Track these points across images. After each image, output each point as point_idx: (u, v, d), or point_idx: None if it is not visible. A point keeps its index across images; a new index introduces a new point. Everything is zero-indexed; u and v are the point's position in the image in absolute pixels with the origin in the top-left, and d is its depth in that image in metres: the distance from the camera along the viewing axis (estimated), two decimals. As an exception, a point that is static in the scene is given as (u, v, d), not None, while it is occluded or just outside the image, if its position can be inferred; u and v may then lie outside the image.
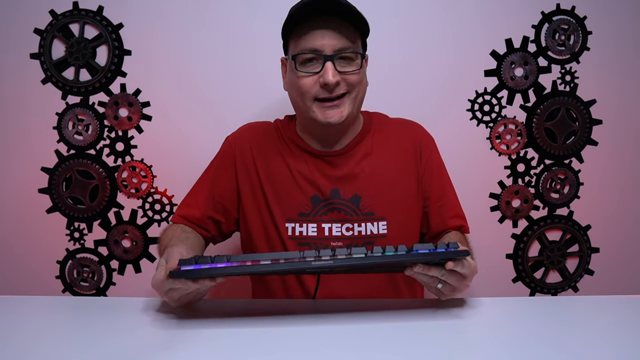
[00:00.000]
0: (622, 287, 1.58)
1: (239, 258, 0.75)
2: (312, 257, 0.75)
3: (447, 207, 1.11)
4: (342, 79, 0.95)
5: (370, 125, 1.11)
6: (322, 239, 1.04)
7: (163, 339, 0.73)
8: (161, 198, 1.49)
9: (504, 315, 0.81)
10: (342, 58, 0.96)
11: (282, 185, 1.06)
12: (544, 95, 1.50)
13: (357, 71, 0.97)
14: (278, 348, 0.70)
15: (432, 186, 1.10)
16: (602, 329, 0.77)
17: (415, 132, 1.13)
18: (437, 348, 0.70)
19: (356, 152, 1.07)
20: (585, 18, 1.48)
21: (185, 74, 1.45)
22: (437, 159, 1.13)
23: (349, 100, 0.98)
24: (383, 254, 0.74)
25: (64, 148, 1.47)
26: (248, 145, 1.10)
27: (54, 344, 0.72)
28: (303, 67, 0.97)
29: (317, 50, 0.94)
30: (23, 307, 0.89)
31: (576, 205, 1.55)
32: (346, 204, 1.05)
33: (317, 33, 0.94)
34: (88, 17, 1.42)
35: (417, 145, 1.10)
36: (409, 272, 0.78)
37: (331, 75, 0.93)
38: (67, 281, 1.52)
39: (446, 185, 1.13)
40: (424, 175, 1.09)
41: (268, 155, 1.08)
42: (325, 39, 0.94)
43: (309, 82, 0.96)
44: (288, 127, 1.11)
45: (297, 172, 1.06)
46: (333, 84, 0.94)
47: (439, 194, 1.10)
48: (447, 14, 1.45)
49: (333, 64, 0.94)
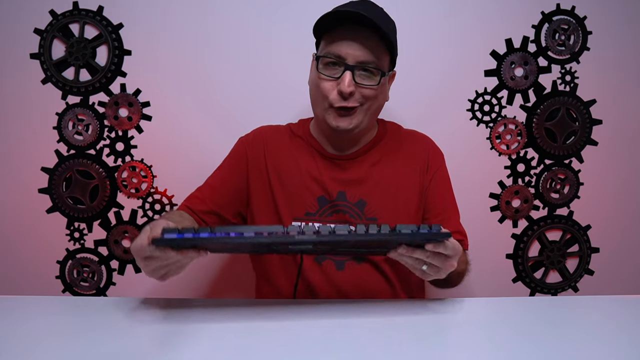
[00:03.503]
0: (622, 287, 1.58)
1: (222, 229, 0.74)
2: (295, 231, 0.75)
3: (449, 223, 1.10)
4: (357, 91, 0.98)
5: (384, 135, 1.13)
6: None
7: (163, 339, 0.73)
8: (161, 198, 1.49)
9: (504, 315, 0.81)
10: (364, 70, 0.98)
11: (291, 183, 1.08)
12: (544, 95, 1.50)
13: (374, 87, 0.99)
14: (279, 348, 0.70)
15: (435, 200, 1.11)
16: (602, 329, 0.77)
17: (426, 145, 1.15)
18: (437, 348, 0.70)
19: (366, 158, 1.10)
20: (585, 18, 1.48)
21: (185, 74, 1.45)
22: (444, 174, 1.15)
23: (361, 112, 1.01)
24: (366, 232, 0.74)
25: (64, 148, 1.47)
26: (261, 146, 1.12)
27: (54, 344, 0.72)
28: (325, 70, 1.00)
29: (340, 57, 0.98)
30: (23, 307, 0.89)
31: (576, 205, 1.55)
32: (352, 207, 1.06)
33: (345, 41, 0.97)
34: (88, 17, 1.42)
35: (426, 158, 1.12)
36: (392, 255, 0.79)
37: (347, 84, 0.96)
38: (67, 281, 1.52)
39: (449, 202, 1.14)
40: (428, 189, 1.11)
41: (279, 154, 1.11)
42: (351, 49, 0.97)
43: (328, 87, 0.99)
44: (302, 128, 1.14)
45: (306, 172, 1.08)
46: (347, 93, 0.97)
47: (441, 208, 1.11)
48: (447, 14, 1.45)
49: (352, 74, 0.97)
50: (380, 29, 0.95)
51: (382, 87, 1.02)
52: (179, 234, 0.73)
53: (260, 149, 1.12)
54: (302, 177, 1.08)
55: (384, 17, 1.01)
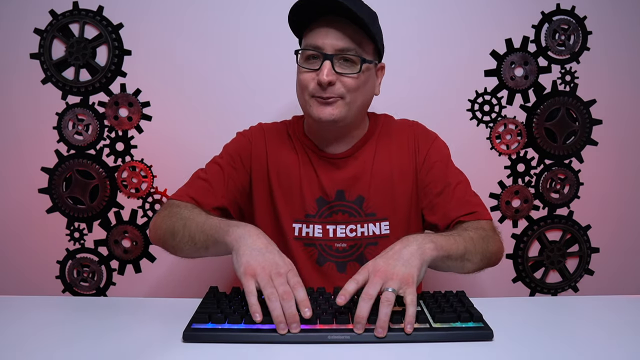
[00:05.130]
0: (622, 287, 1.58)
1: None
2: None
3: (452, 198, 1.04)
4: (338, 80, 0.95)
5: (375, 129, 1.10)
6: (327, 240, 1.05)
7: (163, 339, 0.73)
8: (161, 198, 1.49)
9: (504, 315, 0.81)
10: (345, 60, 0.95)
11: (290, 185, 1.06)
12: (544, 95, 1.50)
13: (355, 75, 0.95)
14: (279, 347, 0.70)
15: (434, 179, 1.06)
16: (602, 329, 0.77)
17: (413, 130, 1.11)
18: (437, 348, 0.70)
19: (360, 154, 1.07)
20: (585, 18, 1.48)
21: (185, 74, 1.45)
22: (438, 154, 1.09)
23: (342, 104, 0.97)
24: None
25: (64, 148, 1.47)
26: (263, 143, 1.10)
27: (54, 344, 0.72)
28: (305, 63, 0.98)
29: (318, 48, 0.95)
30: (23, 307, 0.89)
31: (576, 205, 1.55)
32: (351, 205, 1.05)
33: (321, 31, 0.95)
34: (88, 17, 1.42)
35: (414, 142, 1.09)
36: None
37: (325, 73, 0.93)
38: (67, 281, 1.52)
39: (450, 178, 1.07)
40: (420, 172, 1.07)
41: (280, 155, 1.09)
42: (328, 38, 0.94)
43: (308, 78, 0.97)
44: (297, 128, 1.12)
45: (304, 174, 1.06)
46: (326, 83, 0.93)
47: (440, 187, 1.06)
48: (447, 14, 1.45)
49: (332, 63, 0.94)
50: (355, 14, 0.91)
51: (365, 77, 0.98)
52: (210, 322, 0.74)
53: (263, 147, 1.09)
54: (301, 178, 1.06)
55: (359, 4, 0.97)
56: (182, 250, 0.94)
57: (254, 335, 0.71)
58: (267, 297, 0.73)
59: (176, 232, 0.93)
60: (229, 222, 0.86)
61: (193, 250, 0.92)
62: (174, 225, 0.94)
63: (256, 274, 0.75)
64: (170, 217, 0.96)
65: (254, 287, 0.74)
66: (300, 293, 0.74)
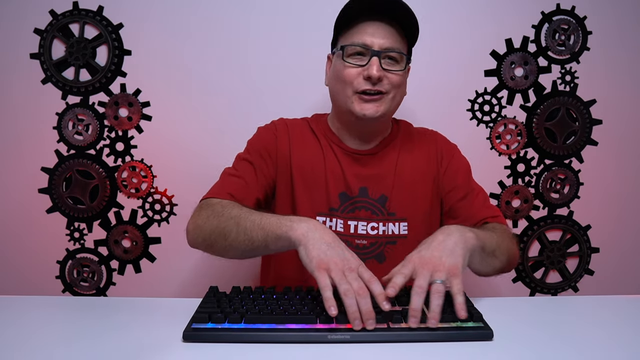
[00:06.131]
0: (622, 287, 1.58)
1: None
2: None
3: (476, 202, 1.09)
4: (385, 76, 0.99)
5: (398, 131, 1.14)
6: (347, 236, 1.05)
7: (163, 339, 0.73)
8: (161, 198, 1.49)
9: (504, 315, 0.81)
10: (389, 58, 1.00)
11: (315, 179, 1.07)
12: (544, 95, 1.50)
13: (401, 72, 1.01)
14: (279, 347, 0.70)
15: (454, 187, 1.10)
16: (602, 329, 0.77)
17: (435, 138, 1.16)
18: (437, 348, 0.70)
19: (386, 154, 1.10)
20: (585, 18, 1.48)
21: (185, 74, 1.45)
22: (460, 163, 1.14)
23: (387, 100, 1.01)
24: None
25: (64, 148, 1.47)
26: (287, 137, 1.11)
27: (54, 343, 0.72)
28: (350, 59, 1.01)
29: (366, 45, 0.99)
30: (23, 307, 0.89)
31: (576, 205, 1.55)
32: (374, 203, 1.07)
33: (369, 30, 0.99)
34: (88, 17, 1.42)
35: (436, 151, 1.13)
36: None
37: (375, 69, 0.97)
38: (67, 281, 1.52)
39: (473, 186, 1.13)
40: (443, 179, 1.11)
41: (304, 149, 1.10)
42: (376, 37, 0.99)
43: (353, 73, 1.00)
44: (320, 124, 1.14)
45: (328, 168, 1.08)
46: (376, 78, 0.98)
47: (463, 193, 1.10)
48: (446, 14, 1.46)
49: (379, 60, 0.98)
50: (406, 15, 0.98)
51: (406, 75, 1.04)
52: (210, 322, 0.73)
53: (287, 141, 1.10)
54: (326, 172, 1.07)
55: (407, 7, 1.02)
56: (237, 250, 0.89)
57: (254, 335, 0.71)
58: (343, 293, 0.72)
59: (228, 232, 0.88)
60: (289, 218, 0.84)
61: (249, 250, 0.88)
62: (225, 225, 0.89)
63: (329, 268, 0.75)
64: (217, 217, 0.91)
65: (329, 281, 0.74)
66: (377, 287, 0.74)
